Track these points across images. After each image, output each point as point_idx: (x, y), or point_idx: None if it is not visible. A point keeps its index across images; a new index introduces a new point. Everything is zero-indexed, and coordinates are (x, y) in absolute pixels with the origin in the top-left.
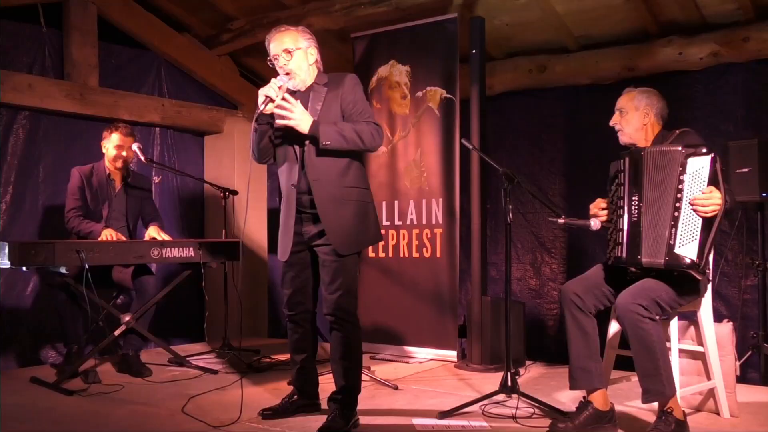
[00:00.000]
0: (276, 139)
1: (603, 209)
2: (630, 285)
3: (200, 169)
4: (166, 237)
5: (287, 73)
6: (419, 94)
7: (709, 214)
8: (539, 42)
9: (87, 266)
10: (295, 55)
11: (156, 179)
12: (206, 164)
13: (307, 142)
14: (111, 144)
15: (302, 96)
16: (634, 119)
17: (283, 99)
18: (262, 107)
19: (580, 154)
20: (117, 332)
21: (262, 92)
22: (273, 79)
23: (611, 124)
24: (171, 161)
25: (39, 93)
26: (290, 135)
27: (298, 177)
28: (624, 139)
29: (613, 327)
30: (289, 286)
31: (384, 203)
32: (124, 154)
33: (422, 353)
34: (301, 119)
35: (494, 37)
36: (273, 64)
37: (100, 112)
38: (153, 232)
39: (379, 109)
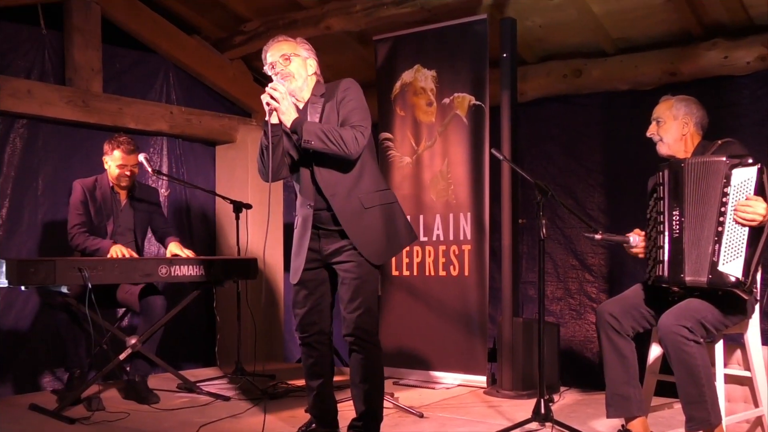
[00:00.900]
0: (288, 158)
1: (642, 245)
2: (671, 305)
3: (211, 181)
4: (189, 253)
5: (284, 77)
6: (446, 100)
7: (750, 223)
8: (574, 45)
9: (90, 285)
10: (293, 60)
11: (164, 192)
12: (217, 176)
13: (315, 154)
14: (113, 162)
15: (300, 112)
16: (673, 129)
17: (273, 89)
18: (267, 117)
19: (619, 165)
20: (122, 356)
21: (264, 97)
22: (271, 84)
23: (648, 134)
24: (180, 173)
25: (38, 99)
26: (301, 153)
27: (314, 197)
28: (662, 150)
29: (654, 350)
30: (301, 306)
31: (408, 218)
32: (127, 173)
33: (449, 378)
34: (287, 110)
35: (526, 40)
36: (269, 74)
37: (103, 120)
38: (175, 248)
39: (403, 117)
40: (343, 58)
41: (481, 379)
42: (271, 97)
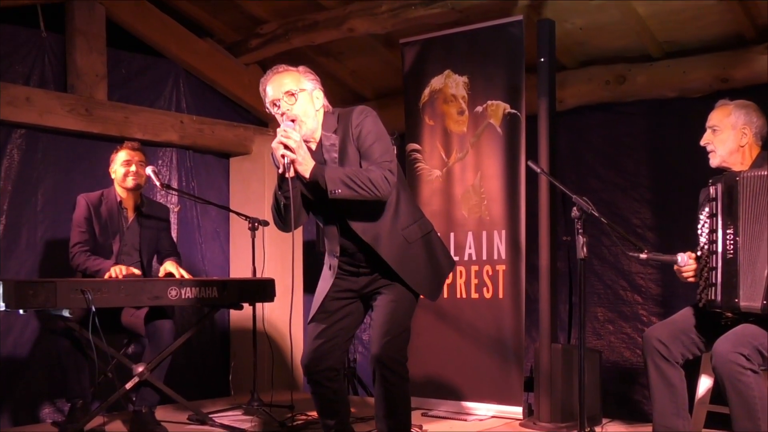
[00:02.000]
0: (308, 206)
1: (691, 268)
2: (724, 331)
3: (225, 195)
4: (185, 274)
5: (292, 120)
6: (479, 108)
7: None
8: (617, 48)
9: (94, 309)
10: (299, 97)
11: (175, 208)
12: (232, 190)
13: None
14: (118, 161)
15: (314, 154)
16: (730, 139)
17: (286, 137)
18: (282, 170)
19: (667, 179)
20: (128, 385)
21: (278, 149)
22: (281, 129)
23: (702, 143)
24: (190, 187)
25: (38, 107)
26: (322, 198)
27: (340, 244)
28: (715, 161)
29: (705, 380)
30: (314, 336)
31: (438, 235)
32: (133, 169)
33: (482, 409)
34: (304, 160)
35: (566, 43)
36: (272, 112)
37: (108, 130)
38: (170, 266)
39: (432, 127)
40: (367, 62)
41: (517, 411)
42: (285, 147)
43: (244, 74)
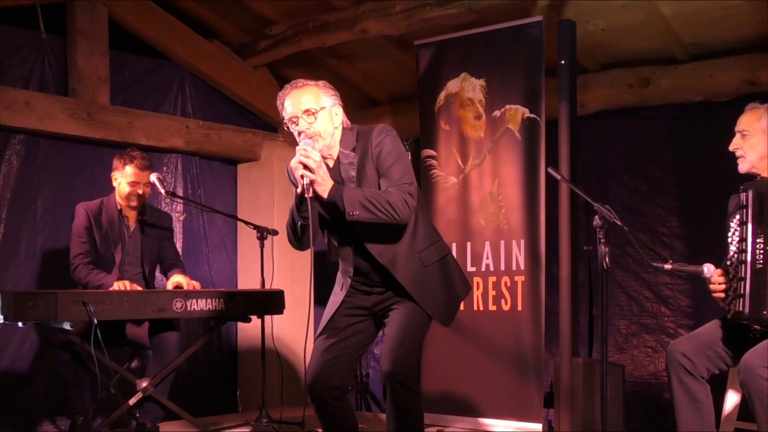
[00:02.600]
0: (324, 225)
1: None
2: (753, 344)
3: (232, 203)
4: (196, 284)
5: (310, 137)
6: (496, 113)
7: None
8: (641, 51)
9: (96, 321)
10: (319, 116)
11: (180, 216)
12: (239, 198)
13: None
14: (124, 178)
15: (331, 171)
16: (760, 144)
17: (306, 156)
18: (300, 190)
19: (693, 185)
20: (132, 401)
21: (298, 169)
22: (300, 147)
23: (731, 148)
24: (196, 195)
25: (37, 112)
26: (339, 222)
27: (354, 265)
28: (745, 167)
29: (732, 395)
30: (320, 352)
31: (454, 245)
32: (139, 192)
33: (500, 426)
34: (323, 181)
35: (587, 45)
36: (289, 128)
37: (111, 136)
38: (179, 278)
39: (448, 132)
40: (380, 65)
41: (537, 427)
42: (305, 167)
43: (252, 77)
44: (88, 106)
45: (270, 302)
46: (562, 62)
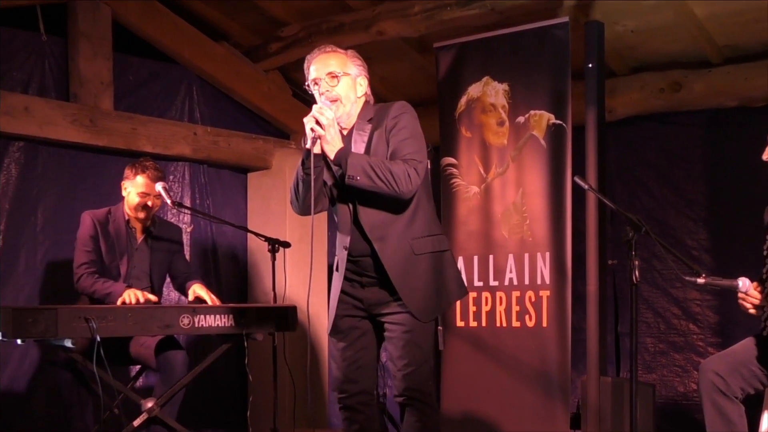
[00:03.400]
0: (330, 190)
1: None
2: None
3: (242, 214)
4: (216, 300)
5: (332, 101)
6: (520, 119)
7: None
8: (673, 53)
9: (98, 339)
10: (341, 81)
11: (187, 228)
12: (250, 208)
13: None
14: (134, 188)
15: (344, 140)
16: None
17: (320, 113)
18: (309, 144)
19: (726, 196)
20: (137, 422)
21: (309, 122)
22: (316, 105)
23: (765, 157)
24: (205, 205)
25: (37, 118)
26: (342, 187)
27: (351, 239)
28: None
29: (767, 416)
30: (339, 360)
31: (476, 258)
32: (148, 203)
33: None
34: (332, 140)
35: (616, 47)
36: (312, 91)
37: (114, 143)
38: (200, 290)
39: (469, 139)
40: (398, 68)
41: None
42: (317, 123)
43: (263, 81)
44: (90, 112)
45: (282, 318)
46: (590, 65)
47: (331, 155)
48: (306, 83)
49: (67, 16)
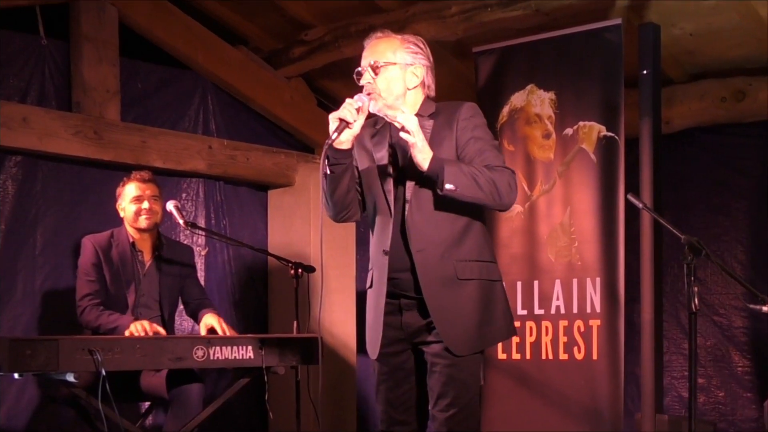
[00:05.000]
0: (363, 185)
1: None
2: None
3: (262, 235)
4: (228, 330)
5: (368, 94)
6: (568, 131)
7: None
8: (736, 59)
9: (104, 372)
10: (382, 73)
11: (202, 251)
12: (270, 229)
13: (410, 190)
14: (127, 200)
15: (397, 134)
16: None
17: (403, 120)
18: (334, 136)
19: None
20: None
21: (334, 117)
22: (348, 99)
23: None
24: (221, 225)
25: (36, 130)
26: (385, 177)
27: (392, 243)
28: None
29: None
30: (384, 400)
31: (519, 284)
32: (145, 206)
33: None
34: (423, 146)
35: (673, 52)
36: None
37: (121, 157)
38: (211, 320)
39: (512, 153)
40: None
41: None
42: (342, 119)
43: (285, 89)
44: (94, 123)
45: (305, 350)
46: (645, 72)
47: (425, 165)
48: (356, 70)
49: (69, 18)
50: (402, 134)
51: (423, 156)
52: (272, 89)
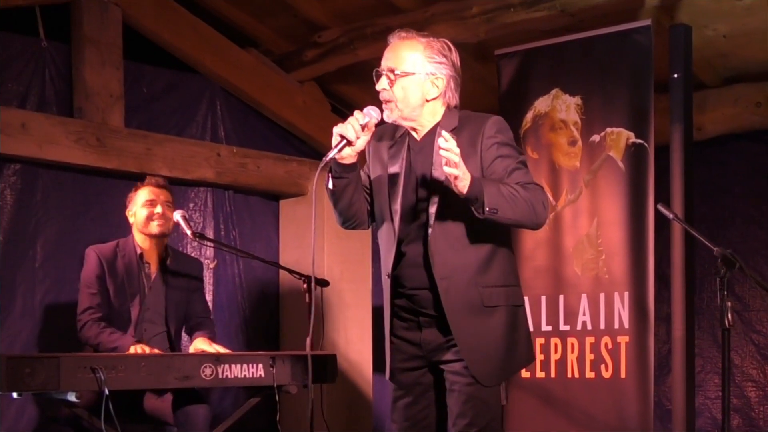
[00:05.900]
0: (374, 195)
1: None
2: None
3: (273, 247)
4: (221, 349)
5: (385, 102)
6: (595, 138)
7: None
8: None
9: (107, 392)
10: (399, 81)
11: (210, 264)
12: (282, 241)
13: (432, 214)
14: (139, 204)
15: (417, 146)
16: None
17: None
18: (334, 152)
19: None
20: None
21: (337, 131)
22: (357, 111)
23: None
24: (230, 236)
25: (36, 136)
26: (394, 196)
27: (408, 261)
28: None
29: None
30: (401, 419)
31: (543, 299)
32: (158, 210)
33: None
34: (465, 174)
35: (705, 55)
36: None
37: (125, 165)
38: (202, 344)
39: (536, 161)
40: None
41: None
42: (344, 137)
43: (297, 94)
44: (97, 130)
45: (319, 368)
46: (675, 76)
47: (464, 190)
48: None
49: (70, 18)
50: (446, 169)
51: (462, 184)
52: (284, 94)
